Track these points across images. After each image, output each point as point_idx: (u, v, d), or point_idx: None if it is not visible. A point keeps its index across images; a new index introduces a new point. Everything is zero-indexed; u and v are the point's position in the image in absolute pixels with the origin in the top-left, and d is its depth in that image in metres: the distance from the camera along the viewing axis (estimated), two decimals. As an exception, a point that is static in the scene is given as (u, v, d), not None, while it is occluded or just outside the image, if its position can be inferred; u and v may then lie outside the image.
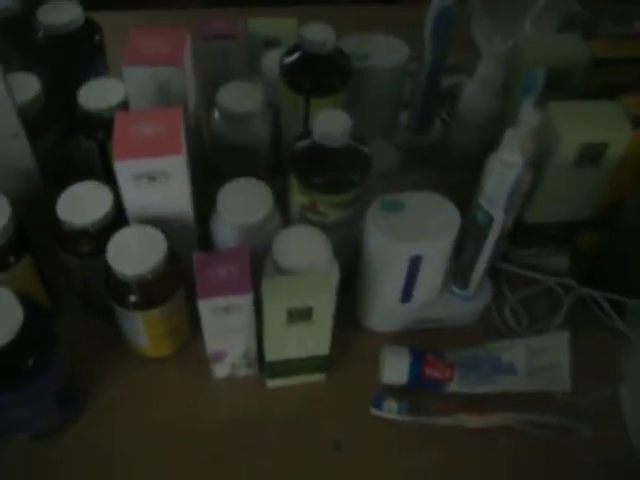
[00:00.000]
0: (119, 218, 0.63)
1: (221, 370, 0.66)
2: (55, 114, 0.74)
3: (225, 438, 0.64)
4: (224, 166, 0.73)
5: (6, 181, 0.68)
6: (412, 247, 0.62)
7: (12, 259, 0.63)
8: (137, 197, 0.61)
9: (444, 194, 0.65)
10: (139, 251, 0.60)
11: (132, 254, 0.59)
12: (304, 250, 0.61)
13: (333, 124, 0.61)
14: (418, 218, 0.62)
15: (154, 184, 0.60)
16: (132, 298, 0.61)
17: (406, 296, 0.67)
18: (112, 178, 0.61)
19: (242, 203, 0.64)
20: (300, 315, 0.58)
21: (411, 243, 0.61)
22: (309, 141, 0.62)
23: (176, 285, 0.63)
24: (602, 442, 0.64)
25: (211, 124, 0.74)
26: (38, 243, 0.67)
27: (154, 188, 0.61)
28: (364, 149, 0.64)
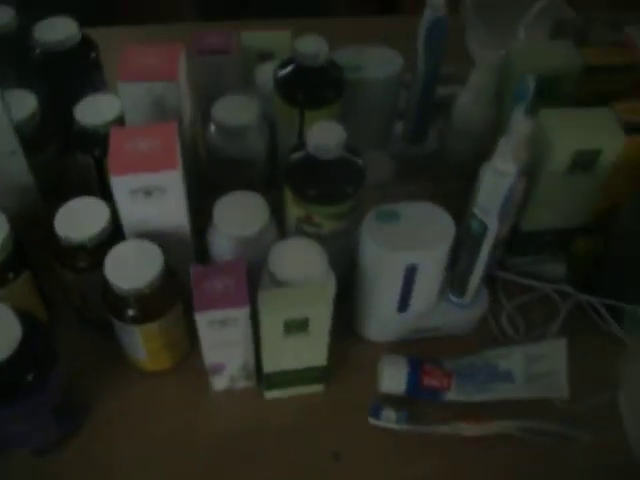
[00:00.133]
0: (116, 233, 0.64)
1: (220, 383, 0.66)
2: (52, 130, 0.74)
3: (224, 450, 0.64)
4: (220, 179, 0.74)
5: (4, 198, 0.68)
6: (407, 257, 0.62)
7: (11, 275, 0.63)
8: (133, 212, 0.62)
9: (439, 204, 0.65)
10: (136, 265, 0.60)
11: (129, 268, 0.60)
12: (300, 262, 0.61)
13: (327, 136, 0.62)
14: (413, 228, 0.63)
15: (150, 199, 0.61)
16: (130, 312, 0.61)
17: (403, 306, 0.67)
18: (109, 193, 0.61)
19: (238, 216, 0.64)
20: (297, 326, 0.58)
21: (406, 253, 0.62)
22: (303, 153, 0.63)
23: (173, 299, 0.63)
24: (601, 448, 0.64)
25: (207, 138, 0.74)
26: (36, 258, 0.67)
27: (150, 203, 0.61)
28: (358, 160, 0.64)
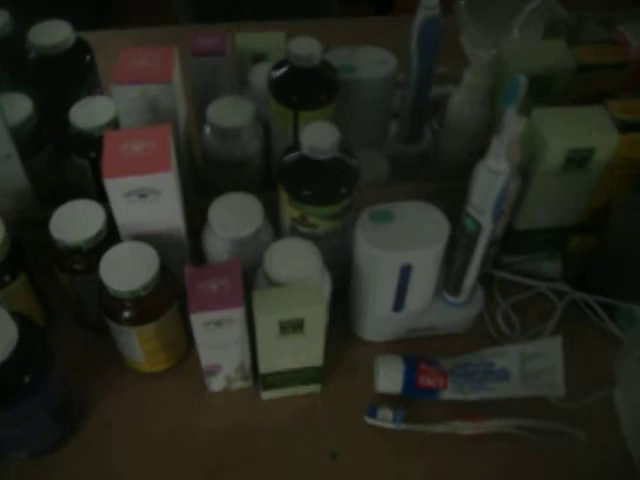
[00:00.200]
0: (112, 236, 0.64)
1: (216, 384, 0.67)
2: (47, 134, 0.74)
3: (222, 451, 0.64)
4: (215, 181, 0.74)
5: (0, 201, 0.69)
6: (402, 256, 0.62)
7: (7, 278, 0.64)
8: (128, 214, 0.62)
9: (434, 203, 0.65)
10: (132, 267, 0.60)
11: (125, 270, 0.60)
12: (295, 262, 0.61)
13: (321, 137, 0.62)
14: (407, 228, 0.63)
15: (145, 201, 0.61)
16: (126, 314, 0.61)
17: (398, 305, 0.67)
18: (105, 196, 0.61)
19: (233, 217, 0.64)
20: (292, 327, 0.58)
21: (401, 252, 0.62)
22: (298, 154, 0.63)
23: (169, 300, 0.63)
24: (598, 445, 0.64)
25: (202, 139, 0.74)
26: (34, 261, 0.67)
27: (145, 205, 0.61)
28: (352, 161, 0.64)
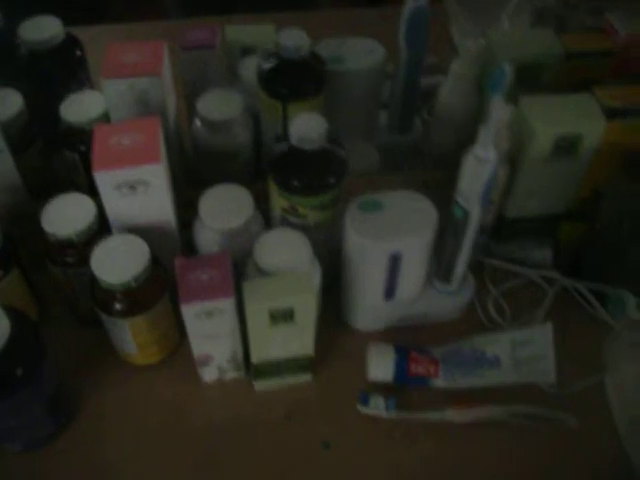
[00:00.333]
0: (103, 229, 0.64)
1: (209, 374, 0.67)
2: (39, 129, 0.75)
3: (215, 442, 0.65)
4: (206, 173, 0.74)
5: (-8, 197, 0.69)
6: (391, 245, 0.62)
7: (0, 273, 0.64)
8: (119, 207, 0.62)
9: (424, 193, 0.66)
10: (123, 259, 0.61)
11: (116, 262, 0.60)
12: (285, 252, 0.62)
13: (309, 127, 0.62)
14: (396, 217, 0.63)
15: (135, 193, 0.61)
16: (118, 306, 0.62)
17: (389, 294, 0.68)
18: (96, 190, 0.61)
19: (223, 208, 0.65)
20: (282, 316, 0.59)
21: (390, 241, 0.62)
22: (286, 145, 0.63)
23: (161, 291, 0.63)
24: (589, 431, 0.65)
25: (192, 132, 0.75)
26: (27, 255, 0.68)
27: (135, 197, 0.61)
28: (341, 151, 0.65)
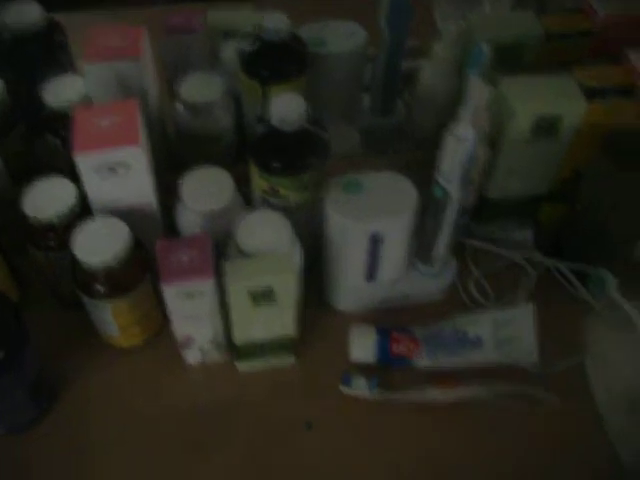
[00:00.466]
0: (85, 212, 0.64)
1: (192, 356, 0.67)
2: (20, 114, 0.75)
3: (200, 423, 0.65)
4: (188, 155, 0.74)
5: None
6: (370, 226, 0.63)
7: (-19, 257, 0.64)
8: (100, 189, 0.63)
9: (406, 174, 0.66)
10: (103, 241, 0.61)
11: (97, 244, 0.60)
12: (265, 233, 0.62)
13: (289, 108, 0.62)
14: (376, 197, 0.63)
15: (115, 176, 0.61)
16: (99, 288, 0.62)
17: (371, 275, 0.68)
18: (78, 174, 0.61)
19: (205, 191, 0.65)
20: (263, 296, 0.59)
21: (370, 222, 0.63)
22: (266, 126, 0.63)
23: (142, 273, 0.64)
24: (571, 410, 0.65)
25: (174, 115, 0.75)
26: (8, 240, 0.68)
27: (116, 180, 0.62)
28: (322, 132, 0.65)
